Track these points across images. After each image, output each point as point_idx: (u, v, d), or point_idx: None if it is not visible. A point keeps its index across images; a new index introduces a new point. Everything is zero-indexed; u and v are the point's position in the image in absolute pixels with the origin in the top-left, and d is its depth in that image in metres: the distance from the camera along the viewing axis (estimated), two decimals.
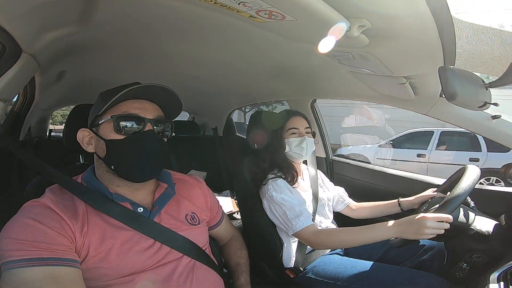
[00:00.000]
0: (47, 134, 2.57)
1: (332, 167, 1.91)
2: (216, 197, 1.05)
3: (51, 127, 2.74)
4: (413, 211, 1.22)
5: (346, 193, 1.48)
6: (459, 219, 0.92)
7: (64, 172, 0.77)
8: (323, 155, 1.90)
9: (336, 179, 1.69)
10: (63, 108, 3.18)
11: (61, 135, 1.05)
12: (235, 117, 2.93)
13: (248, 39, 0.99)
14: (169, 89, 0.76)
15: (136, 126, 0.75)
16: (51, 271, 0.61)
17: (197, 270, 0.81)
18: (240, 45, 1.10)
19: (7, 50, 0.74)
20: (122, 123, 0.74)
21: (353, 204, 1.46)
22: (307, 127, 1.31)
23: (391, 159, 6.10)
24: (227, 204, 2.30)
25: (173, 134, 0.85)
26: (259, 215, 1.25)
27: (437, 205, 0.95)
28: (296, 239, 1.20)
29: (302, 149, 1.26)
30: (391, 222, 0.97)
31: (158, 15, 0.82)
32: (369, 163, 1.95)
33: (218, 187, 2.50)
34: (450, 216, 0.89)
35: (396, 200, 1.30)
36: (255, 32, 0.84)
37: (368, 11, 0.60)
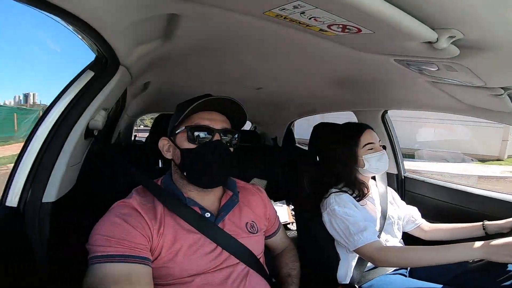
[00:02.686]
0: (133, 139, 2.93)
1: (404, 185, 1.75)
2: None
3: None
4: (500, 235, 1.06)
5: (419, 213, 1.35)
6: None
7: (146, 174, 0.86)
8: (394, 171, 1.75)
9: (408, 197, 1.54)
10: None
11: (143, 140, 1.19)
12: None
13: (313, 51, 0.98)
14: (236, 101, 0.81)
15: (206, 136, 0.81)
16: (128, 268, 0.67)
17: (250, 277, 0.83)
18: (304, 57, 1.09)
19: (108, 63, 0.87)
20: (195, 133, 0.80)
21: (426, 225, 1.32)
22: (380, 140, 1.24)
23: None
24: (283, 214, 2.28)
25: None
26: (317, 228, 1.22)
27: None
28: (356, 255, 1.14)
29: (382, 164, 1.20)
30: (478, 243, 0.89)
31: (232, 31, 0.87)
32: None
33: (274, 197, 2.50)
34: None
35: (481, 223, 1.16)
36: (321, 44, 0.83)
37: (459, 21, 0.53)
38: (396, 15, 0.50)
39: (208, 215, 0.83)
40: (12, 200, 0.77)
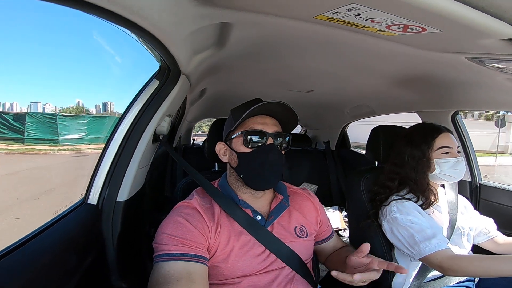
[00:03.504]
0: (191, 142, 3.14)
1: (479, 193, 1.55)
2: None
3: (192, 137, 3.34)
4: None
5: (494, 224, 1.19)
6: None
7: (203, 176, 0.90)
8: (467, 178, 1.57)
9: (483, 207, 1.35)
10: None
11: (200, 144, 1.26)
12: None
13: (371, 51, 0.93)
14: (287, 105, 0.81)
15: (259, 139, 0.82)
16: (189, 266, 0.70)
17: (296, 282, 0.83)
18: (360, 57, 1.04)
19: (171, 72, 0.94)
20: (249, 138, 0.82)
21: (501, 238, 1.16)
22: (459, 146, 1.11)
23: None
24: (335, 220, 2.19)
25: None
26: (373, 236, 1.15)
27: None
28: (418, 265, 1.06)
29: (457, 172, 1.07)
30: None
31: (282, 35, 0.87)
32: None
33: (326, 202, 2.41)
34: None
35: None
36: (380, 44, 0.78)
37: None
38: (465, 12, 0.44)
39: (259, 217, 0.84)
40: (93, 198, 0.88)
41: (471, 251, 1.15)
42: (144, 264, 1.02)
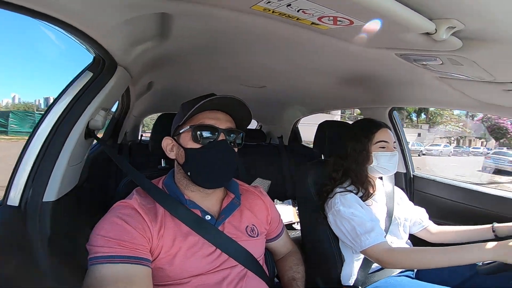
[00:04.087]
0: (139, 138, 2.97)
1: (413, 184, 1.71)
2: (278, 205, 1.04)
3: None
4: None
5: (426, 214, 1.31)
6: None
7: (148, 173, 0.86)
8: (402, 170, 1.72)
9: (417, 197, 1.50)
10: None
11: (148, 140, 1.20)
12: None
13: (313, 47, 0.96)
14: (241, 101, 0.80)
15: (210, 135, 0.80)
16: (128, 268, 0.66)
17: (248, 279, 0.83)
18: (305, 54, 1.07)
19: (106, 64, 0.87)
20: (199, 133, 0.79)
21: (433, 227, 1.28)
22: (395, 142, 1.21)
23: None
24: (288, 213, 2.26)
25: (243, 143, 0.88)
26: (321, 229, 1.20)
27: None
28: (361, 256, 1.12)
29: (391, 165, 1.17)
30: (490, 244, 0.86)
31: (223, 29, 0.86)
32: None
33: (281, 196, 2.48)
34: None
35: (490, 225, 1.12)
36: (320, 40, 0.81)
37: (458, 11, 0.50)
38: (388, 4, 0.47)
39: (208, 217, 0.82)
40: (14, 199, 0.78)
41: (409, 241, 1.24)
42: (83, 268, 0.95)
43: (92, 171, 1.27)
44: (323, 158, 1.46)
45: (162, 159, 1.11)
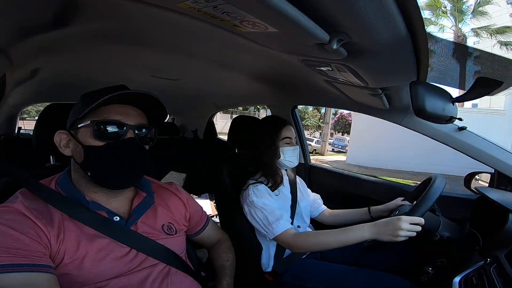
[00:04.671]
0: (15, 131, 2.42)
1: (310, 173, 1.94)
2: (196, 200, 1.04)
3: (21, 124, 2.58)
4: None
5: (321, 199, 1.50)
6: (426, 225, 0.95)
7: (34, 174, 0.73)
8: (302, 161, 1.94)
9: (313, 185, 1.74)
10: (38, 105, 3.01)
11: (30, 133, 1.00)
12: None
13: (230, 46, 1.00)
14: (154, 96, 0.74)
15: (116, 132, 0.72)
16: (27, 277, 0.59)
17: (172, 275, 0.80)
18: (222, 51, 1.10)
19: None
20: (102, 129, 0.71)
21: (327, 210, 1.48)
22: (296, 137, 1.34)
23: None
24: (206, 207, 2.28)
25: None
26: (239, 219, 1.26)
27: (407, 211, 1.00)
28: (275, 243, 1.21)
29: (294, 158, 1.30)
30: (367, 225, 0.99)
31: (138, 21, 0.81)
32: None
33: (197, 190, 2.47)
34: (422, 219, 0.92)
35: (367, 208, 1.33)
36: (237, 40, 0.85)
37: (347, 26, 0.62)
38: (295, 14, 0.55)
39: (117, 219, 0.76)
40: None
41: (311, 225, 1.40)
42: None
43: None
44: (236, 151, 1.53)
45: (51, 156, 0.95)
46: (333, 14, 0.57)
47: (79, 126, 0.72)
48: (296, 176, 1.47)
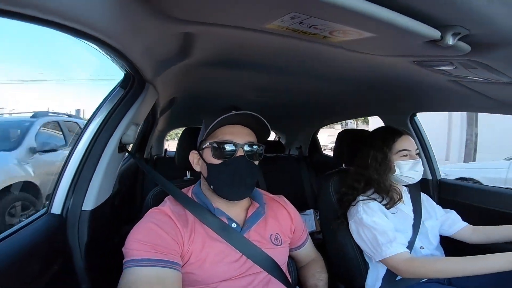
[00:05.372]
0: (163, 153, 3.10)
1: (440, 190, 1.65)
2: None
3: (165, 145, 3.31)
4: None
5: (458, 216, 1.25)
6: None
7: (176, 184, 0.92)
8: (428, 176, 1.67)
9: (444, 204, 1.47)
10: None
11: (173, 154, 1.27)
12: None
13: (327, 59, 0.99)
14: (258, 116, 0.83)
15: (229, 151, 0.83)
16: (160, 272, 0.69)
17: (271, 285, 0.84)
18: (319, 65, 1.10)
19: (136, 81, 0.95)
20: (218, 149, 0.83)
21: (470, 227, 1.21)
22: (417, 149, 1.18)
23: None
24: (310, 223, 2.24)
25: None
26: (344, 237, 1.19)
27: None
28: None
29: (415, 173, 1.13)
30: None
31: (242, 46, 0.90)
32: None
33: (301, 206, 2.46)
34: None
35: None
36: (333, 51, 0.84)
37: (460, 18, 0.52)
38: (392, 17, 0.50)
39: (234, 225, 0.85)
40: (57, 207, 0.86)
41: (439, 246, 1.19)
42: (115, 273, 1.01)
43: (120, 183, 1.36)
44: (344, 167, 1.46)
45: (188, 171, 1.17)
46: (435, 7, 0.50)
47: (203, 147, 0.87)
48: (421, 193, 1.27)
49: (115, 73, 0.98)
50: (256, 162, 0.87)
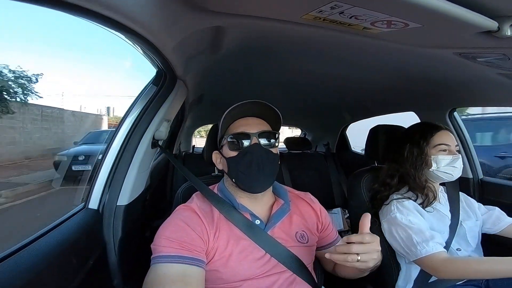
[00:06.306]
0: (191, 149, 3.17)
1: (482, 190, 1.54)
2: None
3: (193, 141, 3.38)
4: None
5: (502, 212, 1.16)
6: None
7: (202, 180, 0.92)
8: (469, 175, 1.56)
9: (485, 203, 1.36)
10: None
11: (201, 150, 1.27)
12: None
13: (363, 51, 0.94)
14: (268, 104, 0.83)
15: (243, 141, 0.83)
16: (184, 269, 0.69)
17: (296, 284, 0.81)
18: (354, 57, 1.05)
19: (167, 78, 0.96)
20: (234, 141, 0.83)
21: None
22: (457, 145, 1.10)
23: None
24: (337, 222, 2.18)
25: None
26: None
27: None
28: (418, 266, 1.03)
29: (454, 169, 1.06)
30: None
31: (274, 38, 0.88)
32: None
33: (328, 205, 2.40)
34: None
35: None
36: (369, 43, 0.79)
37: None
38: (442, 6, 0.46)
39: (258, 222, 0.84)
40: (94, 203, 0.89)
41: (479, 247, 1.12)
42: (145, 268, 1.03)
43: (152, 178, 1.39)
44: (376, 164, 1.39)
45: (216, 167, 1.17)
46: None
47: (222, 144, 0.87)
48: (460, 193, 1.19)
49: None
50: (274, 150, 0.85)
